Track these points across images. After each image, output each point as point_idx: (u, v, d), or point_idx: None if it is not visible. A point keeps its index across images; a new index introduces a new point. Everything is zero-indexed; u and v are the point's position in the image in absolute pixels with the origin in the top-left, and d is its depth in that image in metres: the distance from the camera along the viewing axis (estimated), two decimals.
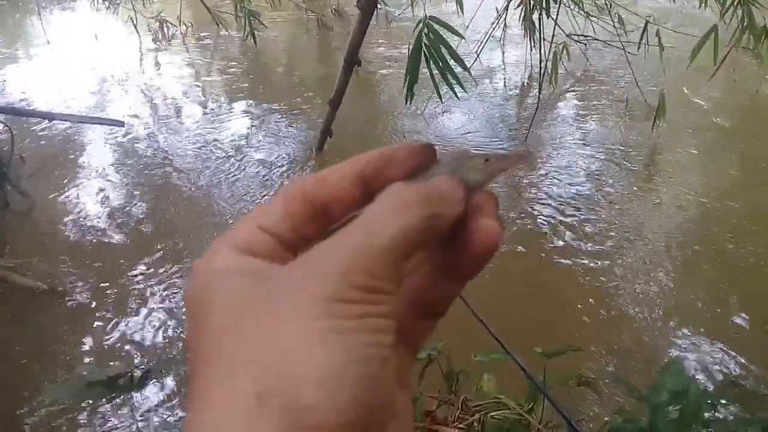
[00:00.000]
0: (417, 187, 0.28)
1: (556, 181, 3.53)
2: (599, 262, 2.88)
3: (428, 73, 2.63)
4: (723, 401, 1.25)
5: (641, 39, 3.70)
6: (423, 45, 2.52)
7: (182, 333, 2.55)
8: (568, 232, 3.08)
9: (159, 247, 3.10)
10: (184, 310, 0.27)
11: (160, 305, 2.74)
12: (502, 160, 0.31)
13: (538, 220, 3.19)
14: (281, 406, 0.22)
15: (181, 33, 6.28)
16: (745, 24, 2.95)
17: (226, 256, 0.27)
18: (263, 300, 0.25)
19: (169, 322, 2.64)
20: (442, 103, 3.95)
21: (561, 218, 3.19)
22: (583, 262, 2.88)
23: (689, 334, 2.48)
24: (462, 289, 0.31)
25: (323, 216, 0.29)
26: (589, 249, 2.97)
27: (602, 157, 3.79)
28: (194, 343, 0.25)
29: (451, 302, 0.32)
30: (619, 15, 3.98)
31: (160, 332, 2.61)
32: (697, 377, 2.24)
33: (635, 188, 3.44)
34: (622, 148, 3.88)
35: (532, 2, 3.78)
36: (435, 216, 0.27)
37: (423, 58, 2.55)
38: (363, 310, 0.24)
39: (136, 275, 2.92)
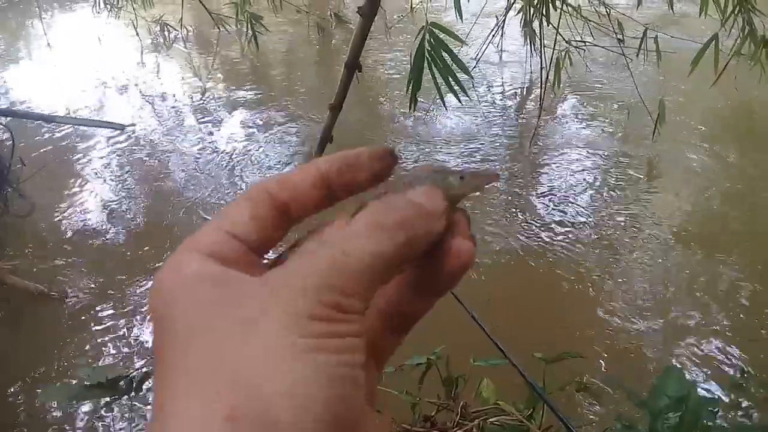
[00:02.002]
0: (397, 209, 0.27)
1: (554, 188, 3.54)
2: (598, 268, 2.88)
3: (430, 79, 2.63)
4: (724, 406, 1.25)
5: (640, 45, 3.70)
6: (426, 51, 2.53)
7: None
8: (566, 237, 3.08)
9: (157, 250, 3.10)
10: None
11: None
12: (476, 178, 0.31)
13: (536, 224, 3.19)
14: (250, 424, 0.21)
15: (182, 36, 6.29)
16: (746, 32, 2.95)
17: (193, 262, 0.26)
18: (232, 314, 0.24)
19: None
20: (446, 109, 3.96)
21: (558, 224, 3.19)
22: (581, 267, 2.88)
23: (690, 339, 2.48)
24: (431, 306, 0.31)
25: (287, 218, 0.29)
26: (587, 254, 2.97)
27: (602, 164, 3.80)
28: (160, 356, 0.25)
29: (420, 318, 0.31)
30: (618, 21, 3.99)
31: None
32: (697, 382, 2.23)
33: (635, 196, 3.45)
34: (621, 155, 3.89)
35: (531, 9, 3.79)
36: (414, 239, 0.27)
37: (425, 65, 2.55)
38: (335, 328, 0.24)
39: (134, 278, 2.92)
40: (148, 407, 2.26)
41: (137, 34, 6.24)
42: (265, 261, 0.29)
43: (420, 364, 1.42)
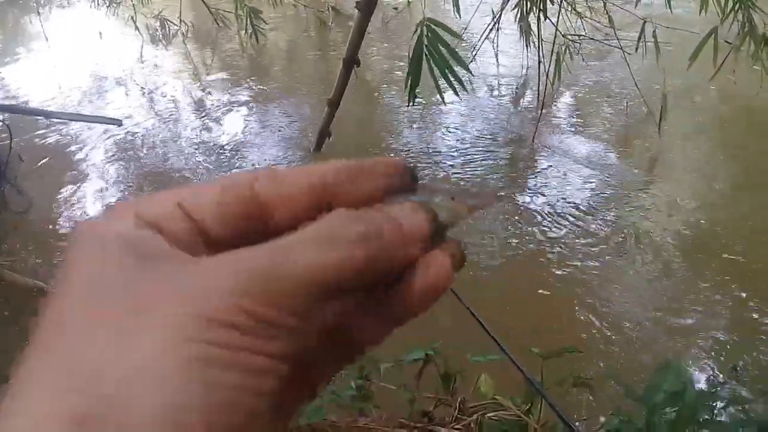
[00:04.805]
0: (367, 219, 0.23)
1: (554, 185, 3.54)
2: (597, 267, 2.88)
3: (428, 74, 2.62)
4: (720, 402, 1.25)
5: (639, 39, 3.69)
6: (423, 46, 2.52)
7: None
8: (565, 236, 3.08)
9: None
10: None
11: None
12: (472, 199, 0.26)
13: (535, 223, 3.19)
14: None
15: (182, 32, 6.28)
16: (746, 29, 2.94)
17: (125, 222, 0.22)
18: (125, 300, 0.20)
19: None
20: (444, 104, 3.95)
21: (558, 222, 3.19)
22: (581, 265, 2.88)
23: (689, 336, 2.49)
24: (387, 334, 0.26)
25: (264, 217, 0.24)
26: (586, 252, 2.97)
27: (601, 161, 3.79)
28: (42, 317, 0.21)
29: (371, 346, 0.26)
30: (609, 15, 3.98)
31: None
32: (694, 378, 2.24)
33: (634, 193, 3.44)
34: (620, 151, 3.88)
35: (528, 3, 3.78)
36: (377, 258, 0.22)
37: (424, 59, 2.55)
38: (248, 342, 0.19)
39: None
40: None
41: (137, 29, 6.23)
42: None
43: (418, 359, 1.42)
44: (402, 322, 0.25)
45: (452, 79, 2.60)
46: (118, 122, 4.12)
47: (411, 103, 2.83)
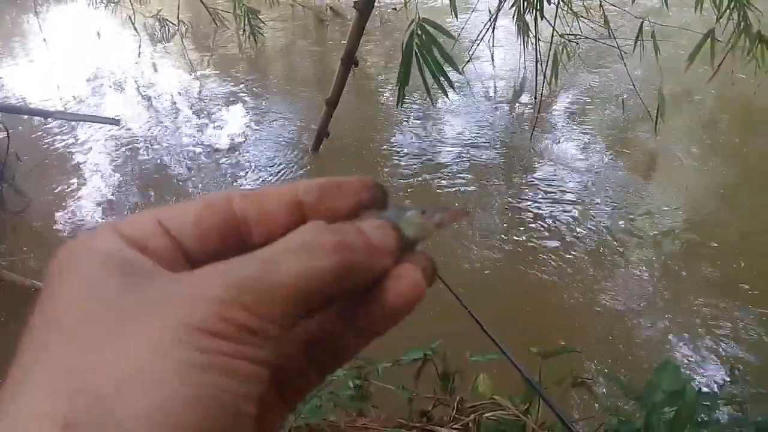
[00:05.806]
0: (339, 231, 0.24)
1: (550, 184, 3.54)
2: (596, 267, 2.88)
3: (427, 74, 2.62)
4: (719, 401, 1.25)
5: (636, 39, 3.69)
6: (414, 45, 2.52)
7: None
8: (562, 237, 3.08)
9: None
10: None
11: None
12: (439, 213, 0.28)
13: (531, 223, 3.19)
14: None
15: (180, 32, 6.27)
16: (741, 27, 2.95)
17: (109, 240, 0.23)
18: (121, 308, 0.21)
19: None
20: (433, 105, 3.95)
21: (555, 222, 3.19)
22: (580, 265, 2.88)
23: (688, 337, 2.49)
24: (365, 344, 0.27)
25: (242, 235, 0.25)
26: (584, 252, 2.97)
27: (598, 162, 3.79)
28: (32, 326, 0.22)
29: (351, 356, 0.27)
30: (605, 15, 3.98)
31: None
32: (692, 377, 2.24)
33: (632, 194, 3.44)
34: (618, 152, 3.88)
35: (524, 2, 3.78)
36: (351, 267, 0.23)
37: (414, 60, 2.54)
38: (234, 349, 0.20)
39: None
40: None
41: (135, 29, 6.22)
42: None
43: (416, 360, 1.42)
44: (380, 332, 0.26)
45: (443, 80, 2.59)
46: (116, 122, 4.11)
47: (400, 104, 2.82)
